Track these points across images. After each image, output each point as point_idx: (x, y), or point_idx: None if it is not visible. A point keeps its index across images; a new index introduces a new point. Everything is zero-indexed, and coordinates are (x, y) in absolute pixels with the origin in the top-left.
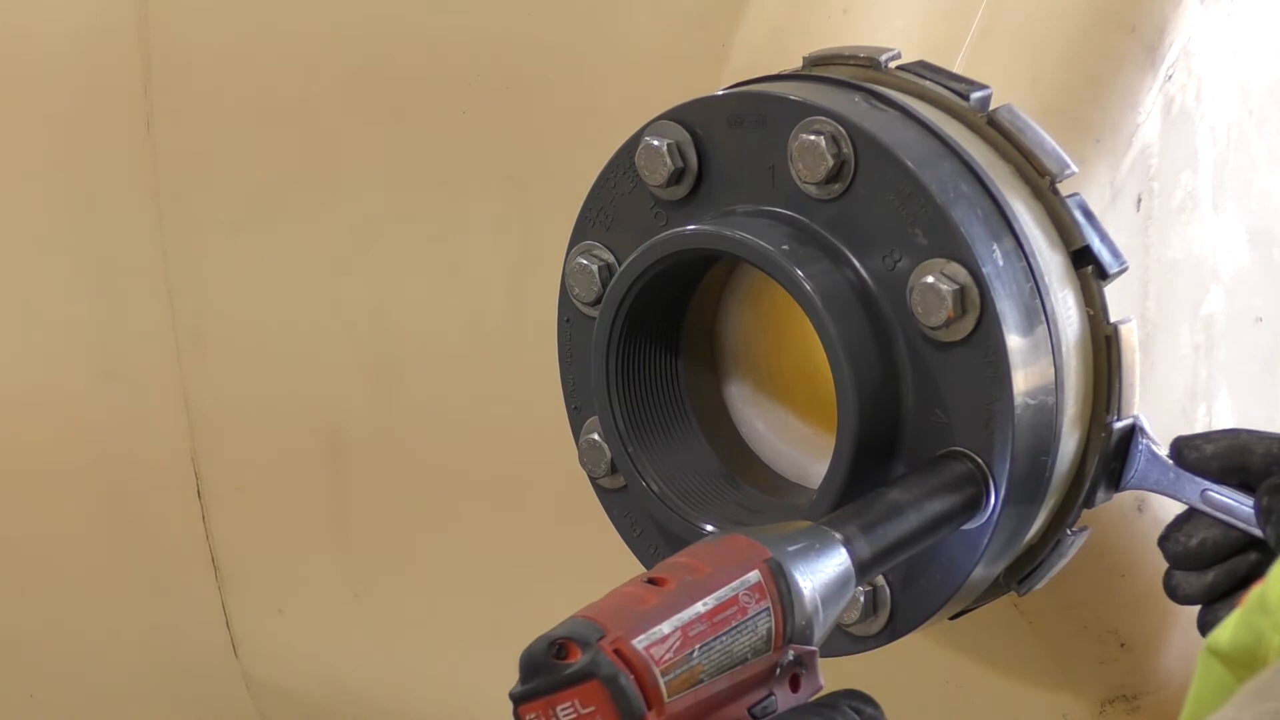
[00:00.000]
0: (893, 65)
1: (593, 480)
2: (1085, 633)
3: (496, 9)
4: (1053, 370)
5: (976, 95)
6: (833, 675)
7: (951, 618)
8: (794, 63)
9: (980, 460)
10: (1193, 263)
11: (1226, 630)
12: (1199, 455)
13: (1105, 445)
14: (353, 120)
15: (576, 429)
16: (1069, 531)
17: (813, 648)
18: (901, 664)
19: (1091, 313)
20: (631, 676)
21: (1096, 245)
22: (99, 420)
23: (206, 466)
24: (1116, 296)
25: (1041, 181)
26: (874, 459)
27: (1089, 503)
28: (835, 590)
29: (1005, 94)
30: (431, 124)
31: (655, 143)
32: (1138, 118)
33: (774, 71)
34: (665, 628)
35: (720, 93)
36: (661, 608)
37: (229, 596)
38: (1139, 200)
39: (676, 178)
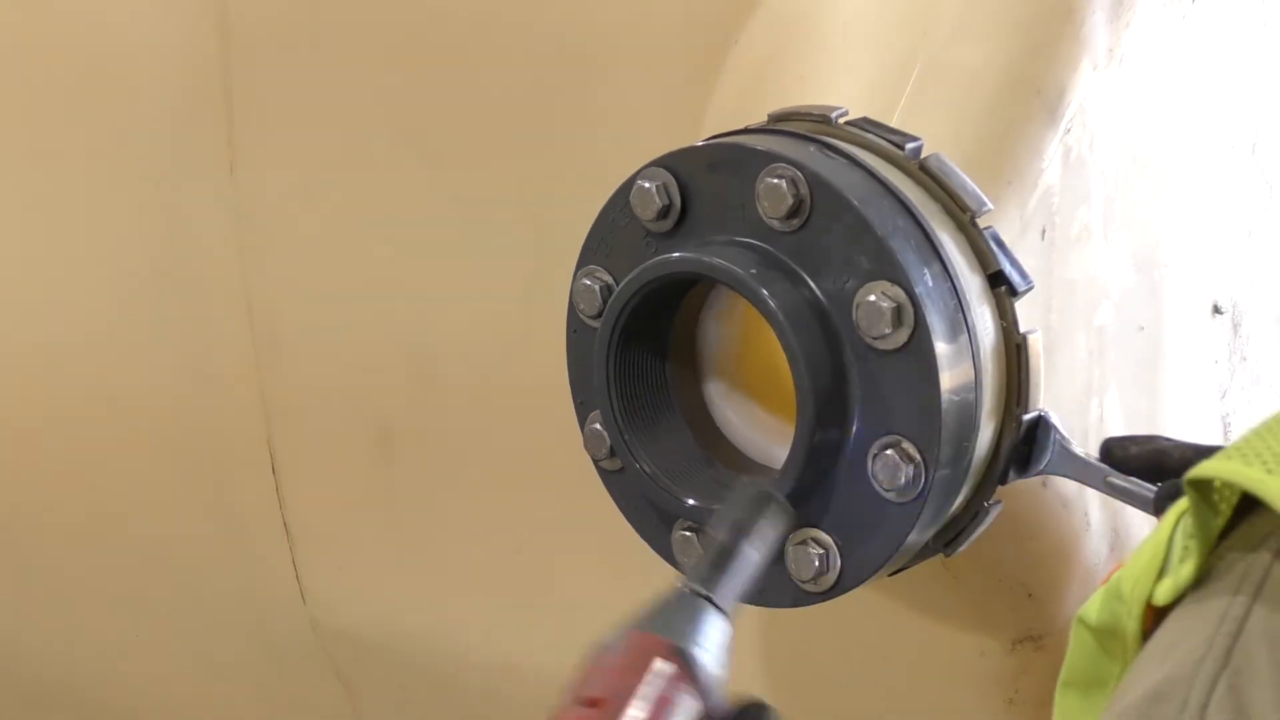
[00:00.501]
0: (841, 121)
1: (595, 462)
2: (1000, 585)
3: (519, 80)
4: (973, 372)
5: (910, 145)
6: (794, 620)
7: (890, 574)
8: (760, 119)
9: (916, 445)
10: (1087, 282)
11: (1094, 607)
12: (1125, 454)
13: (1016, 433)
14: (400, 166)
15: (581, 420)
16: (986, 504)
17: (720, 709)
18: (850, 611)
19: (1005, 325)
20: None
21: (1008, 269)
22: (191, 412)
23: (279, 449)
24: (1025, 311)
25: (964, 217)
26: (827, 444)
27: (1003, 480)
28: (723, 651)
29: (934, 144)
30: (465, 169)
31: (647, 184)
32: (1042, 164)
33: (744, 126)
34: None
35: (700, 143)
36: None
37: (298, 555)
38: (1043, 231)
39: (664, 213)
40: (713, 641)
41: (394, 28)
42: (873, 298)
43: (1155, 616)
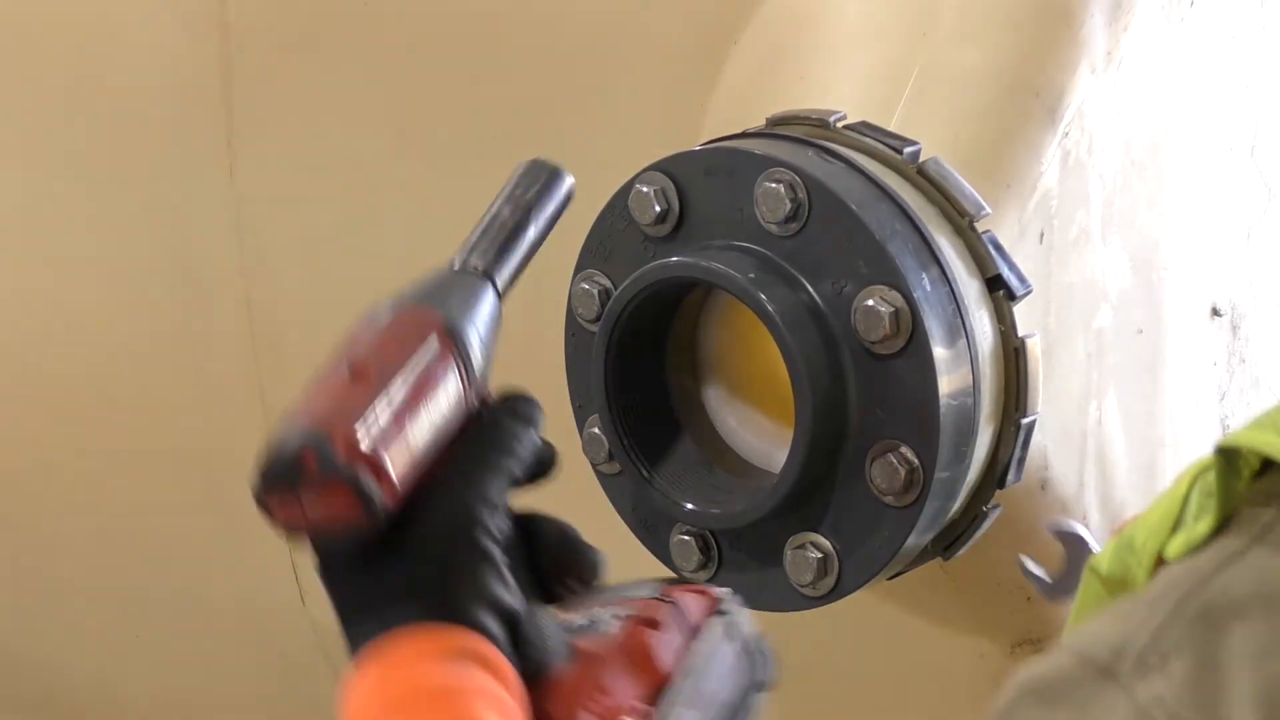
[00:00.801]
0: (840, 125)
1: (594, 466)
2: (999, 589)
3: (518, 82)
4: (972, 376)
5: (909, 150)
6: (790, 625)
7: (889, 578)
8: (760, 120)
9: (914, 449)
10: (1085, 285)
11: (1105, 557)
12: None
13: (1014, 437)
14: (399, 167)
15: (580, 424)
16: (985, 508)
17: (482, 385)
18: (848, 615)
19: (1003, 328)
20: (367, 470)
21: (1006, 273)
22: (191, 412)
23: None
24: (1023, 315)
25: (962, 221)
26: (825, 448)
27: (1001, 484)
28: (492, 325)
29: (932, 148)
30: (464, 170)
31: (645, 189)
32: (1040, 167)
33: (742, 129)
34: (383, 418)
35: (698, 148)
36: (374, 400)
37: (298, 557)
38: (1041, 235)
39: (662, 218)
40: (484, 321)
41: (393, 30)
42: (871, 302)
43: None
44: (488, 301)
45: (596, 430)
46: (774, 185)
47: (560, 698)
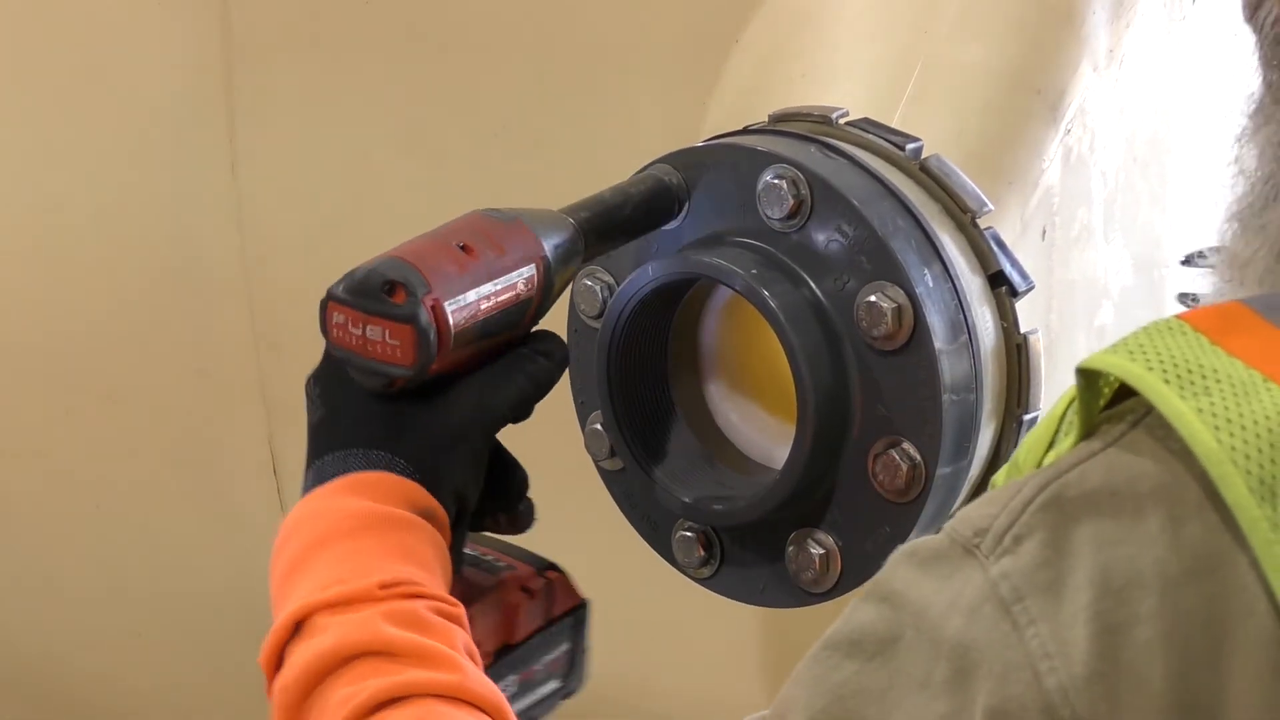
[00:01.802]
0: (842, 121)
1: (596, 463)
2: None
3: (520, 80)
4: (974, 372)
5: (911, 146)
6: (794, 622)
7: None
8: (761, 118)
9: (916, 445)
10: (1087, 283)
11: (1000, 478)
12: None
13: (1016, 434)
14: (401, 165)
15: (582, 420)
16: None
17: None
18: None
19: (1005, 325)
20: (438, 331)
21: (1008, 269)
22: (192, 411)
23: (280, 448)
24: (1025, 311)
25: (964, 217)
26: (828, 445)
27: None
28: (569, 276)
29: (934, 145)
30: (467, 168)
31: None
32: (1042, 164)
33: (745, 125)
34: (470, 296)
35: (701, 143)
36: (469, 279)
37: None
38: (1044, 232)
39: None
40: (567, 270)
41: (395, 28)
42: (873, 298)
43: None
44: (577, 258)
45: (598, 427)
46: (776, 181)
47: None
